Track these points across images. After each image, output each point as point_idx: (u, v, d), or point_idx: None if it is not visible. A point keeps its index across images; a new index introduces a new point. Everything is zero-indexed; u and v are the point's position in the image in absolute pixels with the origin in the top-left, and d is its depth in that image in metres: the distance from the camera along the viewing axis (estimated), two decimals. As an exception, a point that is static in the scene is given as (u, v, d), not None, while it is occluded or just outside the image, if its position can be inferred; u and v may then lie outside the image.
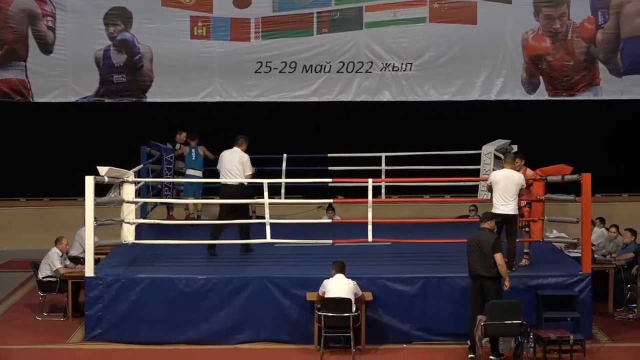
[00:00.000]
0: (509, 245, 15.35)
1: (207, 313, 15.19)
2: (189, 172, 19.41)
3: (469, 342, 14.44)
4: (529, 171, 15.98)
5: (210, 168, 19.62)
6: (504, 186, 15.14)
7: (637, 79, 21.55)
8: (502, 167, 15.70)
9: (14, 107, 21.61)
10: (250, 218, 17.90)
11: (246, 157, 16.87)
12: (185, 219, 19.38)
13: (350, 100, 21.51)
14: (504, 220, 15.15)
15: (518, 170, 15.67)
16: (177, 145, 19.89)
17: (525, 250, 16.01)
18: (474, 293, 14.39)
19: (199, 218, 19.36)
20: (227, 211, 16.68)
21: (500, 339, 14.37)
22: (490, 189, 15.40)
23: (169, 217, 19.63)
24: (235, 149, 17.02)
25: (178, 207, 20.09)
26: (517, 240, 15.64)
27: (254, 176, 16.91)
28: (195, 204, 19.48)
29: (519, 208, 15.60)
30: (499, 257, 14.20)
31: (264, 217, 16.00)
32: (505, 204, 15.10)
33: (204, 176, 19.41)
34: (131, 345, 15.08)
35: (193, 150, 19.47)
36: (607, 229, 18.53)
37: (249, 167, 16.85)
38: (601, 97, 21.62)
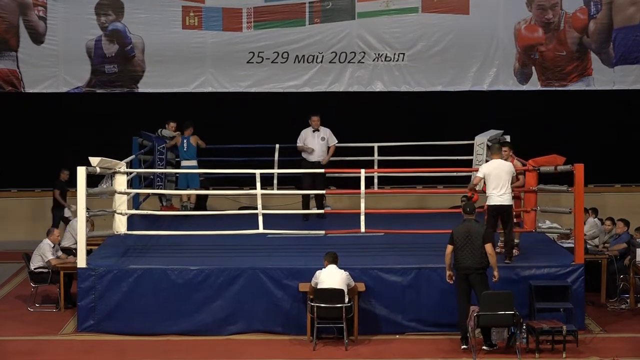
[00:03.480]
0: (506, 237, 15.36)
1: (200, 304, 15.18)
2: (183, 163, 19.35)
3: (463, 332, 14.44)
4: (517, 162, 16.00)
5: (204, 158, 19.59)
6: (497, 176, 15.13)
7: (629, 69, 21.57)
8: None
9: (5, 97, 21.54)
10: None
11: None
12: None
13: (342, 90, 21.49)
14: (499, 211, 15.14)
15: (505, 160, 15.73)
16: (159, 130, 19.82)
17: (516, 241, 16.02)
18: (460, 283, 14.39)
19: (191, 209, 19.30)
20: (311, 183, 18.44)
21: (492, 330, 14.39)
22: (475, 184, 15.38)
23: (167, 208, 19.59)
24: None
25: (176, 198, 20.07)
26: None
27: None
28: (188, 195, 19.42)
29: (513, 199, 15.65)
30: (489, 247, 14.20)
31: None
32: (500, 195, 15.10)
33: (199, 166, 19.36)
34: (124, 336, 15.07)
35: (185, 141, 19.41)
36: (601, 221, 18.53)
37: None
38: (593, 87, 21.63)
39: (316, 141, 18.87)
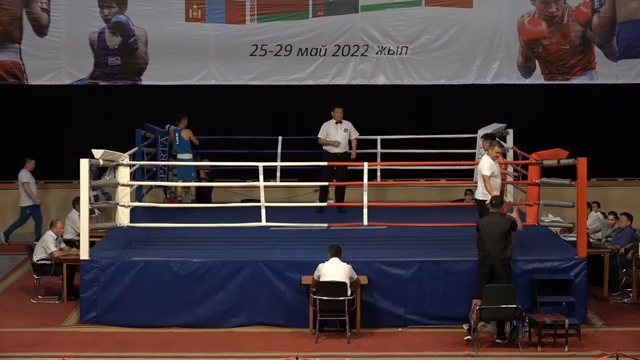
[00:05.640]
0: None
1: (202, 296, 15.19)
2: (178, 156, 19.34)
3: (469, 324, 14.42)
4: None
5: (207, 150, 19.60)
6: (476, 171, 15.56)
7: (632, 63, 21.56)
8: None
9: (8, 90, 21.54)
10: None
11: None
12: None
13: (345, 83, 21.48)
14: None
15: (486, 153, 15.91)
16: (167, 127, 19.86)
17: None
18: (481, 277, 14.45)
19: (193, 202, 19.29)
20: (332, 175, 18.45)
21: (495, 323, 14.41)
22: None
23: (170, 200, 19.59)
24: None
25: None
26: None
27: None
28: (188, 188, 19.38)
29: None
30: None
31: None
32: (476, 189, 15.62)
33: (195, 159, 19.33)
34: (126, 328, 15.08)
35: (177, 134, 19.36)
36: (604, 214, 18.51)
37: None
38: (597, 81, 21.63)
39: (339, 133, 18.82)
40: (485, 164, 15.35)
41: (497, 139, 16.82)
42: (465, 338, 14.43)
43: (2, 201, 22.13)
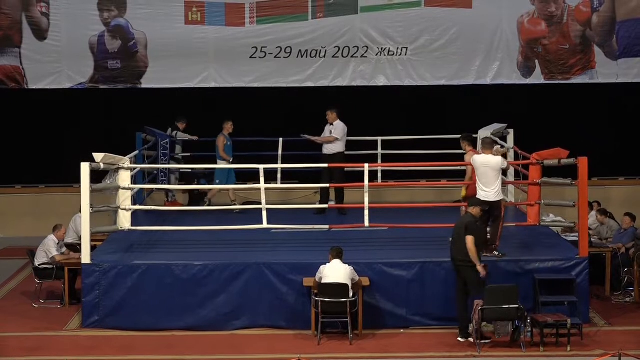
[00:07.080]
0: (492, 230, 15.33)
1: (204, 299, 15.19)
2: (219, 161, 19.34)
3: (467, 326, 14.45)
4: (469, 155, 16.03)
5: (208, 153, 19.59)
6: (483, 173, 15.20)
7: (632, 62, 21.57)
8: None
9: (9, 94, 21.55)
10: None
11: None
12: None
13: (345, 85, 21.49)
14: (489, 207, 15.19)
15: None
16: (174, 132, 19.89)
17: None
18: (456, 277, 14.50)
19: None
20: (330, 176, 18.33)
21: (497, 323, 14.40)
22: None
23: (171, 203, 19.58)
24: None
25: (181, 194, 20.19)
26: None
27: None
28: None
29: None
30: (469, 240, 14.23)
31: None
32: (485, 191, 15.14)
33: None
34: (128, 332, 15.08)
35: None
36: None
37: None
38: (597, 80, 21.63)
39: (326, 134, 18.90)
40: (500, 160, 15.24)
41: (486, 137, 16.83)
42: (457, 339, 14.44)
43: (2, 205, 22.15)
